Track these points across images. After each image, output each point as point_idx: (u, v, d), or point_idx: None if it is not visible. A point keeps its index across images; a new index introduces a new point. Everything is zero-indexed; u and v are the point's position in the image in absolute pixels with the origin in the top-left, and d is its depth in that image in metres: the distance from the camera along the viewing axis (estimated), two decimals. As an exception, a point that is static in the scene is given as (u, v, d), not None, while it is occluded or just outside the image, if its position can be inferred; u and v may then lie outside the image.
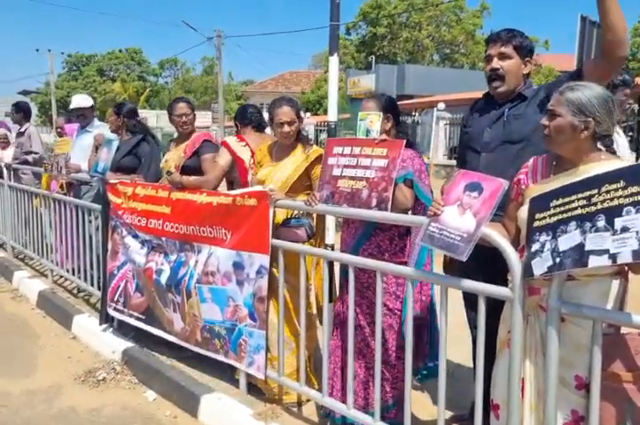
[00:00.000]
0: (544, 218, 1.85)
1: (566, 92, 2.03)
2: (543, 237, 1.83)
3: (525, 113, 2.56)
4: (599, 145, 2.08)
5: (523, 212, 2.07)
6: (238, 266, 3.13)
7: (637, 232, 1.59)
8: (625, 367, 1.87)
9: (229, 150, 3.60)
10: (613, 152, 2.09)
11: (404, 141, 2.57)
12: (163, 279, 3.56)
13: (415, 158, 2.70)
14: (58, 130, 6.28)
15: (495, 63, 2.60)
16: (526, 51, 2.60)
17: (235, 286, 3.15)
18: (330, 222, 3.40)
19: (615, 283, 1.99)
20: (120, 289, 3.97)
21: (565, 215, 1.79)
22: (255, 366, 3.11)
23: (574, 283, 1.95)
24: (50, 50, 39.65)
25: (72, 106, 5.50)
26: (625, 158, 2.62)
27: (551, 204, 1.84)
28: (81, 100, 5.54)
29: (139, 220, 3.74)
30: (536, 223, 1.88)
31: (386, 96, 2.91)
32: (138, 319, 3.87)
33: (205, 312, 3.31)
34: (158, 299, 3.65)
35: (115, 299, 4.00)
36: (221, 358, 3.29)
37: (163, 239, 3.59)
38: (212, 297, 3.27)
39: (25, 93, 46.13)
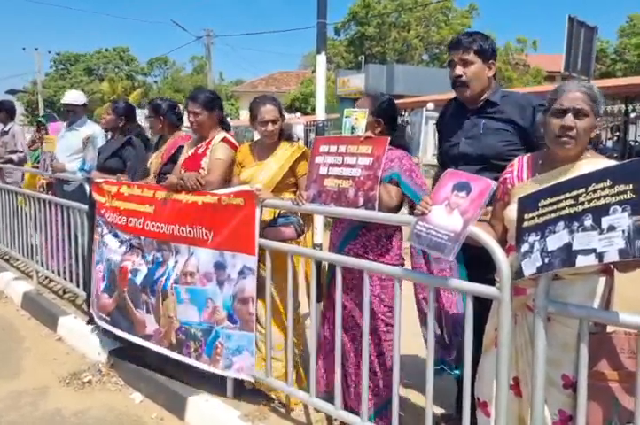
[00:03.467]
0: (533, 218, 1.85)
1: (591, 90, 1.97)
2: (532, 238, 1.83)
3: (501, 129, 2.58)
4: None
5: (510, 212, 2.06)
6: (219, 266, 3.06)
7: (623, 231, 1.59)
8: (611, 366, 1.87)
9: (232, 147, 3.44)
10: (595, 149, 2.10)
11: (388, 138, 2.53)
12: (139, 279, 3.46)
13: (404, 157, 2.68)
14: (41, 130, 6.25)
15: (459, 70, 2.63)
16: (488, 54, 2.61)
17: (215, 287, 3.08)
18: (318, 222, 3.38)
19: (601, 282, 1.99)
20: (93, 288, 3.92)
21: (553, 215, 1.78)
22: (236, 367, 3.02)
23: (561, 282, 1.94)
24: (37, 49, 39.38)
25: (64, 101, 5.41)
26: None
27: (540, 204, 1.83)
28: (75, 96, 5.47)
29: (119, 219, 3.67)
30: (525, 223, 1.87)
31: (382, 98, 2.80)
32: (104, 320, 3.78)
33: (181, 313, 3.22)
34: (129, 300, 3.53)
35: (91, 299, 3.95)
36: (192, 361, 3.19)
37: (142, 238, 3.50)
38: (190, 298, 3.19)
39: (12, 92, 45.73)
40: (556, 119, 2.02)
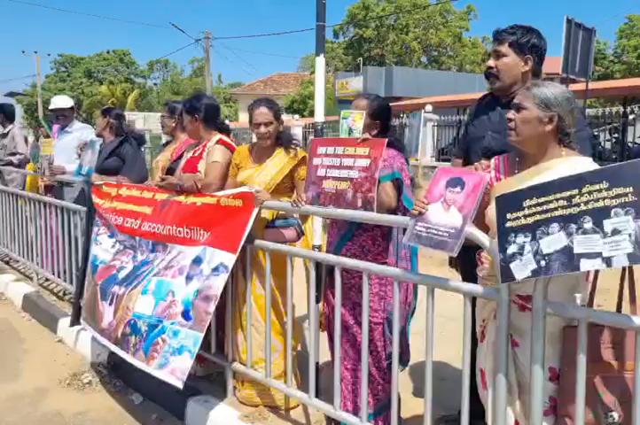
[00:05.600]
0: (518, 218, 1.82)
1: (533, 88, 2.09)
2: (521, 239, 1.80)
3: None
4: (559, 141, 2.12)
5: (491, 211, 2.09)
6: (196, 260, 3.03)
7: (630, 234, 1.57)
8: (591, 359, 1.87)
9: (229, 148, 3.44)
10: (573, 149, 2.13)
11: (386, 140, 2.55)
12: (122, 274, 3.42)
13: (395, 156, 2.69)
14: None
15: (490, 61, 2.63)
16: (526, 48, 2.57)
17: (182, 280, 3.02)
18: (317, 223, 3.39)
19: (582, 276, 2.01)
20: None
21: (544, 216, 1.76)
22: (169, 369, 2.87)
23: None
24: (36, 52, 39.42)
25: (51, 107, 5.58)
26: None
27: (525, 204, 1.81)
28: (60, 101, 5.60)
29: (116, 219, 3.67)
30: (509, 223, 1.84)
31: (379, 100, 2.82)
32: (83, 318, 3.79)
33: (138, 305, 3.13)
34: (98, 292, 3.50)
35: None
36: (128, 357, 3.10)
37: (137, 239, 3.49)
38: (154, 289, 3.12)
39: (11, 95, 45.76)
40: None
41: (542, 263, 1.74)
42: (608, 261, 1.61)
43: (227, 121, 4.20)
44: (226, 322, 3.20)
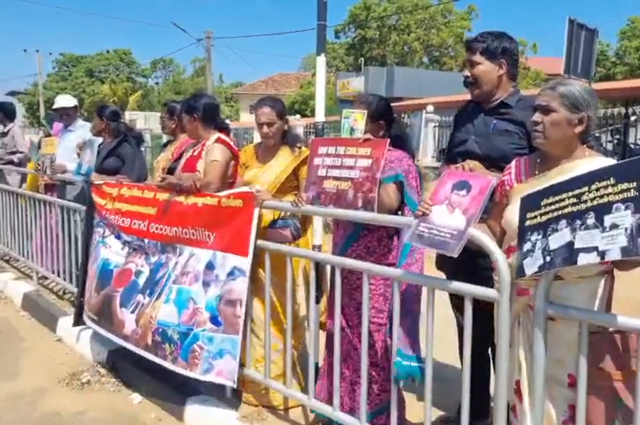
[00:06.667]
0: (535, 217, 1.84)
1: (559, 87, 2.04)
2: (534, 237, 1.82)
3: (511, 131, 2.57)
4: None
5: (509, 213, 2.07)
6: (209, 266, 3.05)
7: (626, 229, 1.58)
8: (614, 366, 1.86)
9: (228, 147, 3.43)
10: (591, 147, 2.11)
11: (388, 140, 2.54)
12: (141, 280, 3.44)
13: (404, 158, 2.67)
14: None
15: (466, 71, 2.68)
16: (497, 53, 2.59)
17: (200, 287, 3.05)
18: (317, 223, 3.38)
19: (602, 283, 1.98)
20: (87, 289, 3.94)
21: (555, 214, 1.78)
22: (215, 372, 2.97)
23: (563, 283, 1.93)
24: (38, 51, 39.46)
25: (55, 106, 5.60)
26: None
27: (542, 203, 1.83)
28: (63, 100, 5.62)
29: (122, 221, 3.66)
30: (528, 222, 1.87)
31: (376, 101, 2.79)
32: (92, 320, 3.80)
33: (161, 314, 3.18)
34: (117, 299, 3.52)
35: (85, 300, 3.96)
36: (167, 364, 3.15)
37: (145, 241, 3.49)
38: (175, 298, 3.16)
39: (13, 94, 45.85)
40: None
41: (548, 258, 1.76)
42: (602, 255, 1.62)
43: (228, 121, 4.21)
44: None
